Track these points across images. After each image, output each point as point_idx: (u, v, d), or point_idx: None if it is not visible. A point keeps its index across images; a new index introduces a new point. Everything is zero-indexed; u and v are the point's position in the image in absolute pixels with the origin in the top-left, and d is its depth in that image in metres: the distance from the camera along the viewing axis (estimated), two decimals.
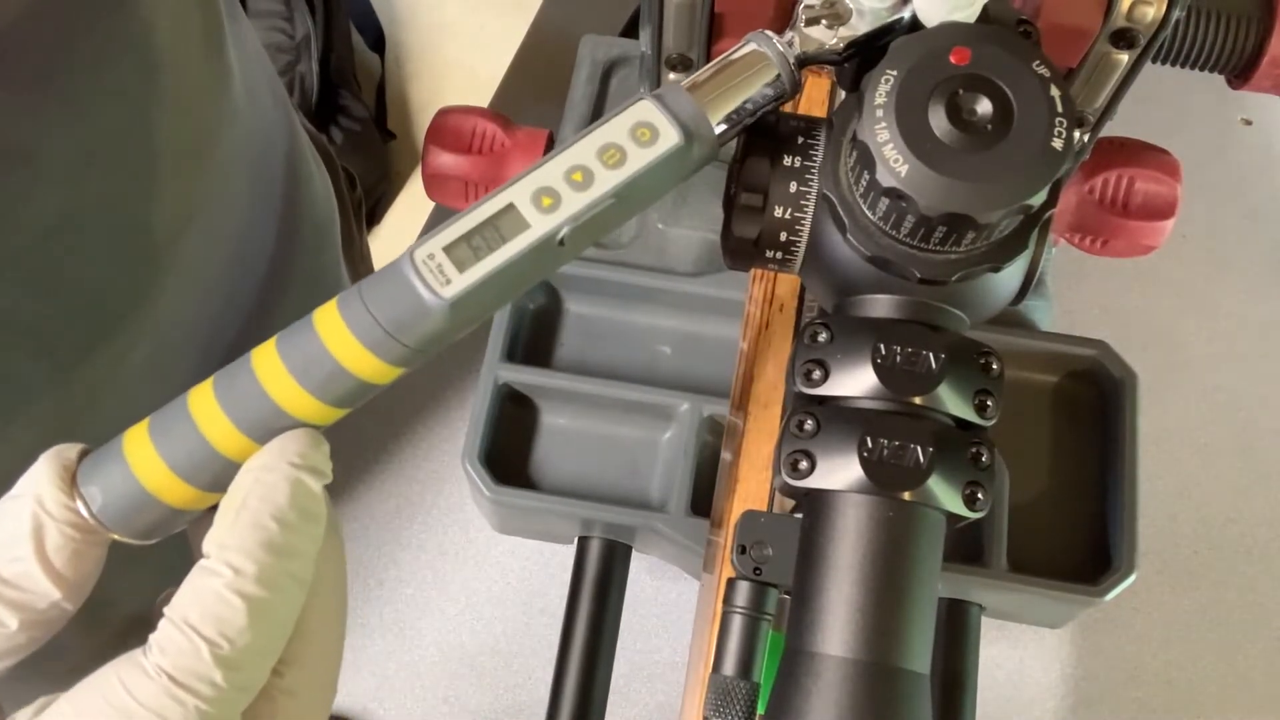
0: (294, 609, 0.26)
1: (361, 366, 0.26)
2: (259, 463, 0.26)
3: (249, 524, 0.25)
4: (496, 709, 0.57)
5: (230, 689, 0.24)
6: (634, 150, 0.27)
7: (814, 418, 0.28)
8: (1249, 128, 0.74)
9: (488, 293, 0.26)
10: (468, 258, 0.26)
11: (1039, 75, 0.26)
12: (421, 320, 0.26)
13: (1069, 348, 0.51)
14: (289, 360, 0.26)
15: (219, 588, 0.24)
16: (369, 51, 1.57)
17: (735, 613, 0.33)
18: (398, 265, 0.26)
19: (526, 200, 0.27)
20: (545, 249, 0.26)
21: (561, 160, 0.27)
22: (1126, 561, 0.47)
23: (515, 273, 0.26)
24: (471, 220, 0.27)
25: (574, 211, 0.26)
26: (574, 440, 0.52)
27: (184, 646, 0.24)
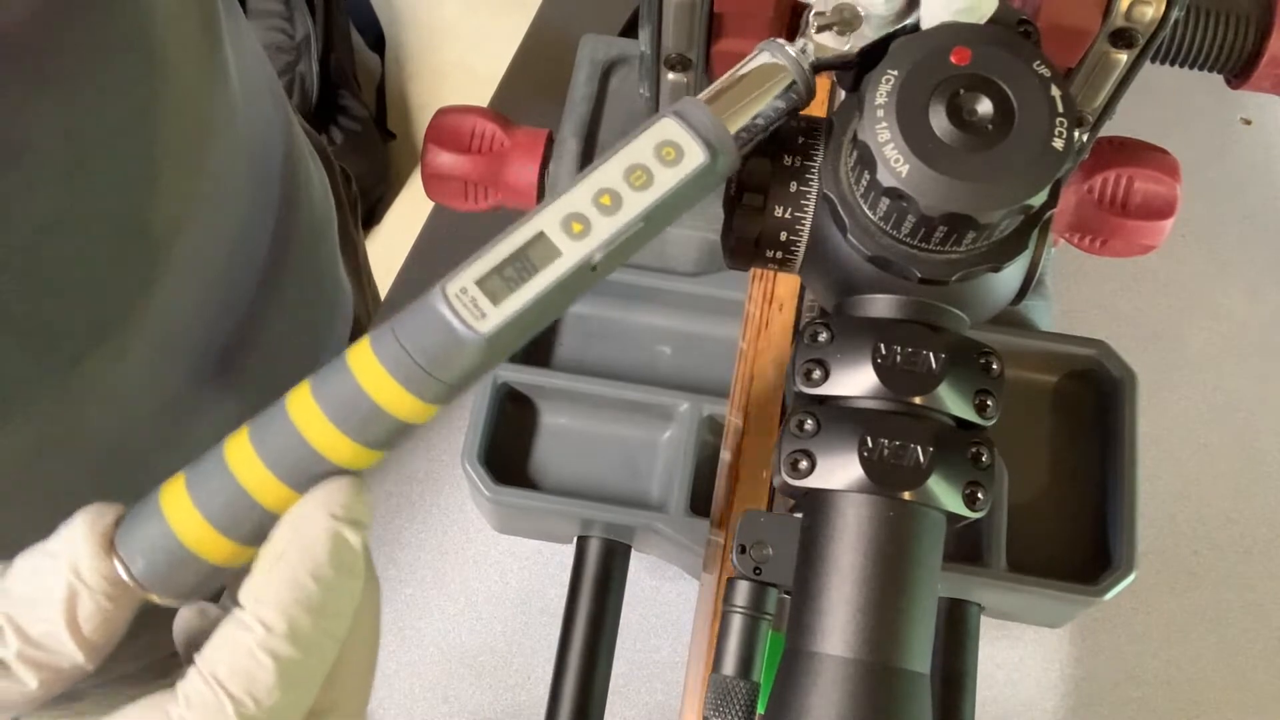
0: (325, 666, 0.25)
1: (399, 406, 0.26)
2: (298, 513, 0.25)
3: (285, 580, 0.25)
4: (496, 709, 0.57)
5: None
6: (660, 170, 0.27)
7: (814, 417, 0.28)
8: (1249, 128, 0.74)
9: (523, 323, 0.26)
10: (501, 290, 0.26)
11: (1039, 75, 0.26)
12: (458, 356, 0.26)
13: (1069, 348, 0.51)
14: (324, 403, 0.26)
15: (251, 644, 0.24)
16: (369, 51, 1.57)
17: (735, 612, 0.33)
18: (430, 302, 0.26)
19: (556, 227, 0.26)
20: (578, 275, 0.26)
21: (589, 184, 0.27)
22: (1126, 561, 0.47)
23: (549, 301, 0.26)
24: (503, 251, 0.26)
25: (605, 237, 0.26)
26: (574, 440, 0.52)
27: (210, 702, 0.24)
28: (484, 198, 0.54)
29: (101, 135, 0.33)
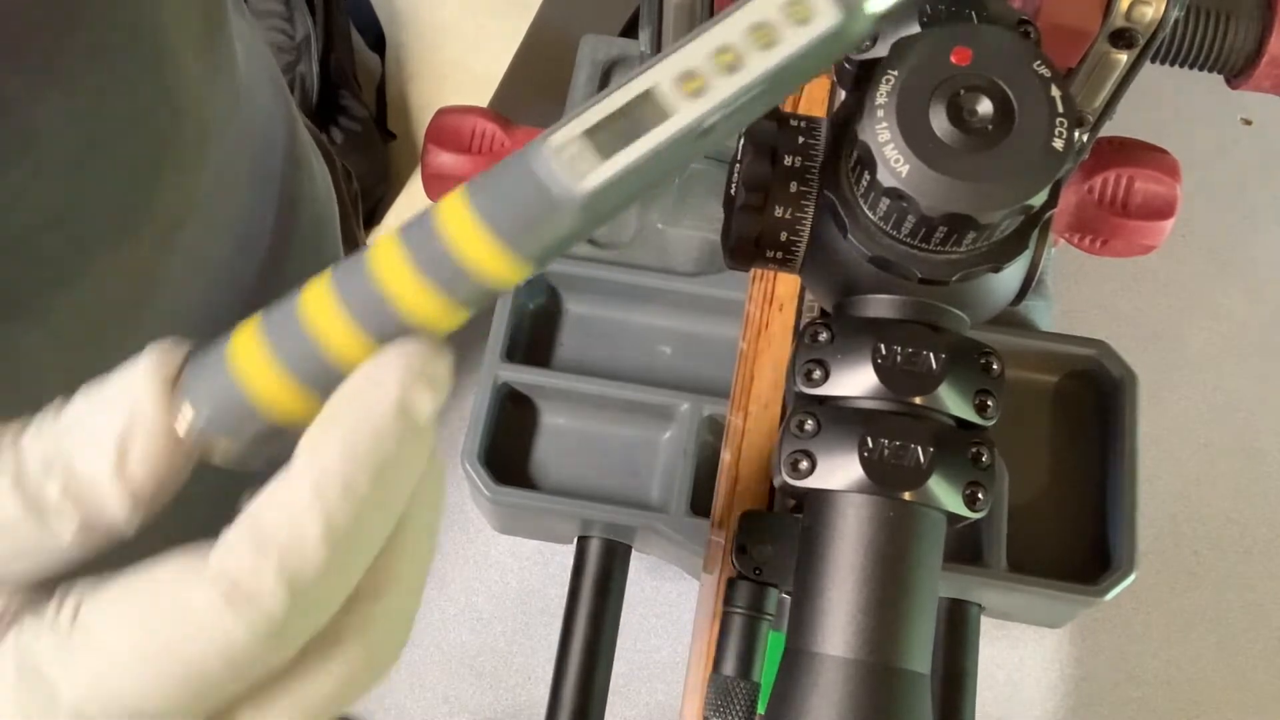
0: (377, 540, 0.23)
1: (491, 266, 0.24)
2: (370, 364, 0.23)
3: (344, 437, 0.23)
4: (496, 709, 0.57)
5: (291, 612, 0.22)
6: (787, 29, 0.24)
7: (814, 418, 0.28)
8: (1249, 128, 0.74)
9: (623, 188, 0.24)
10: (603, 149, 0.23)
11: (1040, 75, 0.26)
12: (552, 216, 0.24)
13: (1069, 348, 0.51)
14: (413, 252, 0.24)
15: (299, 495, 0.22)
16: (369, 51, 1.57)
17: (735, 613, 0.33)
18: (530, 155, 0.24)
19: (669, 84, 0.24)
20: (688, 139, 0.24)
21: (707, 40, 0.24)
22: (1126, 561, 0.47)
23: (654, 167, 0.24)
24: (606, 108, 0.24)
25: (724, 98, 0.24)
26: (574, 440, 0.52)
27: (250, 556, 0.22)
28: None
29: (107, 126, 0.33)
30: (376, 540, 0.23)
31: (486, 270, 0.24)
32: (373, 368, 0.24)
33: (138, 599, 0.22)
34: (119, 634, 0.22)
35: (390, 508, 0.23)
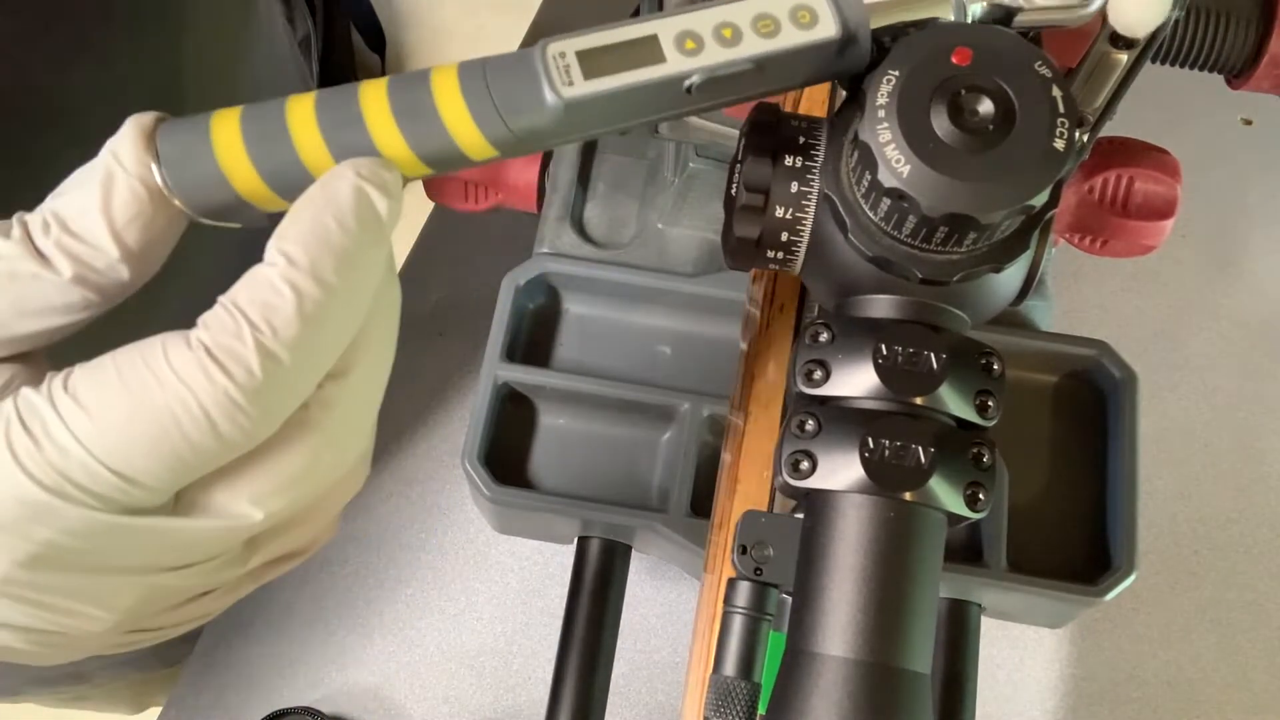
0: (346, 319, 0.25)
1: (461, 132, 0.26)
2: (330, 172, 0.25)
3: (309, 221, 0.24)
4: (496, 709, 0.57)
5: (266, 380, 0.23)
6: (789, 27, 0.27)
7: (815, 418, 0.28)
8: (1249, 128, 0.74)
9: (603, 108, 0.26)
10: (596, 68, 0.26)
11: (1041, 76, 0.26)
12: (534, 110, 0.26)
13: (1069, 348, 0.51)
14: (394, 100, 0.26)
15: (271, 275, 0.24)
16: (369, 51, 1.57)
17: (736, 613, 0.33)
18: (528, 54, 0.26)
19: (670, 37, 0.26)
20: (672, 89, 0.26)
21: (714, 14, 0.27)
22: (1126, 561, 0.47)
23: (636, 99, 0.26)
24: (611, 37, 0.26)
25: (713, 62, 0.26)
26: (574, 440, 0.52)
27: (227, 325, 0.23)
28: (484, 198, 0.54)
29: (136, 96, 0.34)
30: (343, 325, 0.25)
31: (456, 136, 0.26)
32: (332, 173, 0.25)
33: (122, 367, 0.24)
34: (104, 397, 0.23)
35: (353, 297, 0.25)
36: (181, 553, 0.25)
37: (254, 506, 0.25)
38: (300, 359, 0.24)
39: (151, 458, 0.23)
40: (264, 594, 0.60)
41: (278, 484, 0.25)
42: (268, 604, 0.60)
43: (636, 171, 0.55)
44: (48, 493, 0.23)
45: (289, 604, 0.60)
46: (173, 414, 0.23)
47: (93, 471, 0.23)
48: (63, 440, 0.23)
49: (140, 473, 0.23)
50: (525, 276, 0.51)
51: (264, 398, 0.24)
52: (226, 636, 0.60)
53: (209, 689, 0.59)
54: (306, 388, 0.25)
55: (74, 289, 0.25)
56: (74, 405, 0.23)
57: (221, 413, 0.23)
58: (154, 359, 0.23)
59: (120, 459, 0.23)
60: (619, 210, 0.54)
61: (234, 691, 0.58)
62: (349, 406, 0.26)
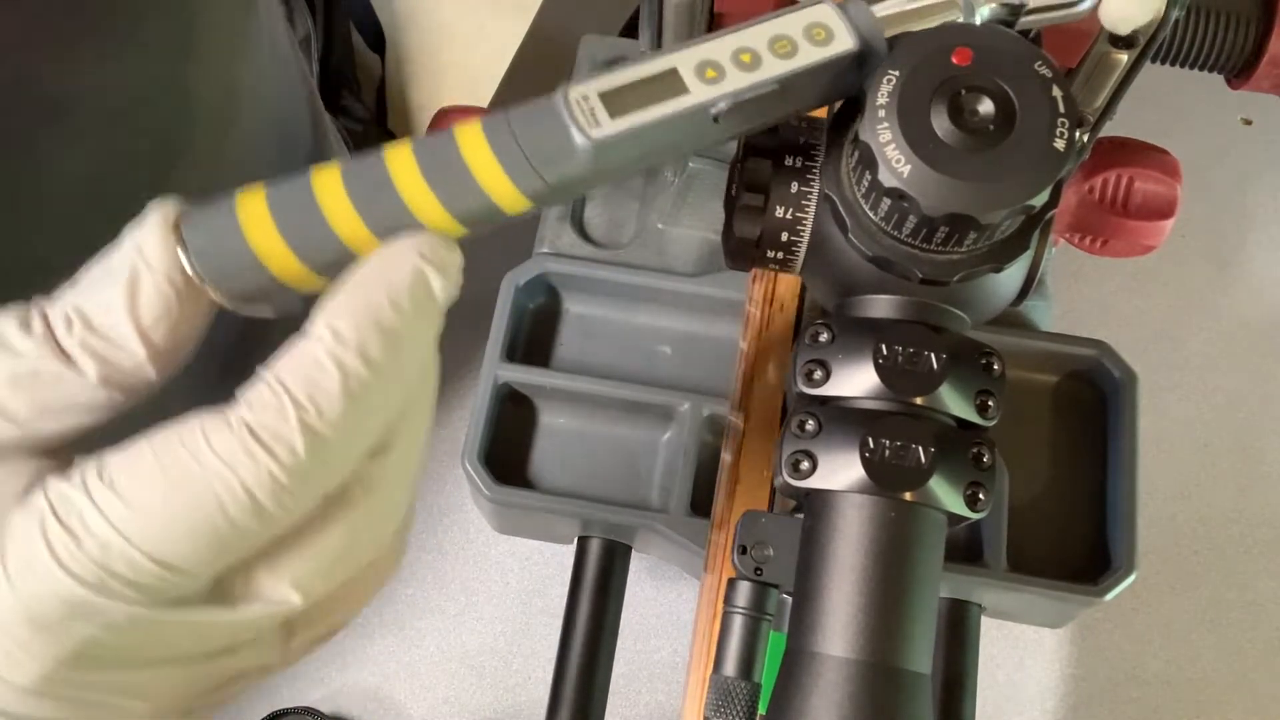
0: (390, 399, 0.24)
1: (495, 188, 0.26)
2: (385, 248, 0.25)
3: (362, 300, 0.24)
4: (497, 709, 0.57)
5: (310, 460, 0.23)
6: (806, 46, 0.27)
7: (815, 418, 0.28)
8: (1249, 128, 0.74)
9: (633, 146, 0.26)
10: (621, 107, 0.26)
11: (1041, 76, 0.26)
12: (565, 156, 0.26)
13: (1069, 348, 0.51)
14: (423, 163, 0.25)
15: (317, 351, 0.23)
16: (369, 51, 1.57)
17: (736, 613, 0.33)
18: (550, 100, 0.26)
19: (690, 68, 0.27)
20: (698, 118, 0.26)
21: (730, 40, 0.27)
22: (1126, 561, 0.47)
23: (664, 134, 0.26)
24: (632, 75, 0.26)
25: (736, 88, 0.26)
26: (574, 440, 0.52)
27: (270, 403, 0.23)
28: None
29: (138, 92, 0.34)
30: (388, 404, 0.24)
31: (490, 193, 0.26)
32: (391, 249, 0.25)
33: (160, 452, 0.23)
34: (142, 484, 0.22)
35: (400, 375, 0.24)
36: (222, 641, 0.25)
37: (294, 590, 0.24)
38: (344, 437, 0.23)
39: (193, 543, 0.23)
40: None
41: (318, 565, 0.24)
42: None
43: (636, 171, 0.55)
44: (89, 589, 0.22)
45: None
46: (216, 496, 0.22)
47: (135, 563, 0.22)
48: (103, 533, 0.22)
49: (182, 559, 0.23)
50: (525, 276, 0.51)
51: (308, 477, 0.23)
52: None
53: None
54: (349, 465, 0.24)
55: (99, 389, 0.24)
56: (112, 495, 0.22)
57: (265, 493, 0.22)
58: (194, 441, 0.23)
59: (162, 547, 0.22)
60: (619, 210, 0.54)
61: None
62: (390, 483, 0.25)
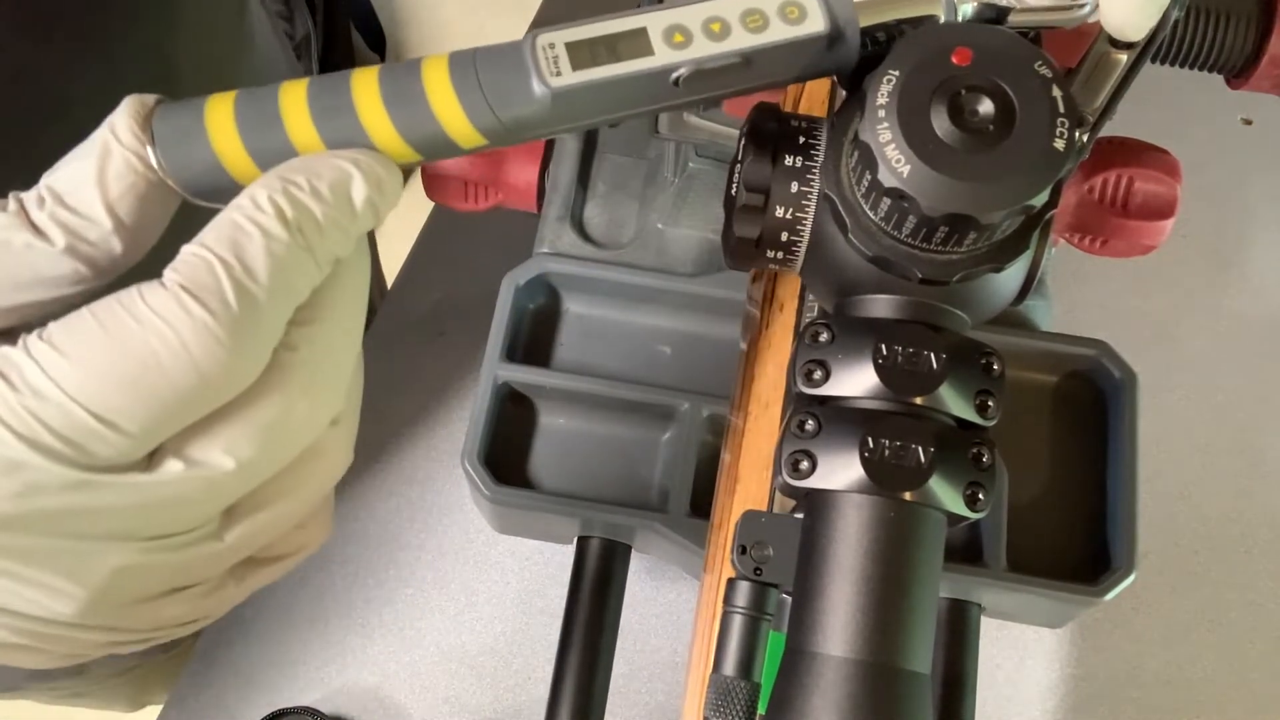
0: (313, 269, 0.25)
1: (449, 120, 0.27)
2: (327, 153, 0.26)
3: (282, 175, 0.25)
4: (497, 709, 0.57)
5: (242, 313, 0.24)
6: (777, 22, 0.27)
7: (815, 418, 0.28)
8: (1249, 128, 0.74)
9: (591, 99, 0.27)
10: (585, 59, 0.27)
11: (1041, 76, 0.26)
12: (522, 100, 0.27)
13: (1069, 348, 0.51)
14: (385, 88, 0.27)
15: (237, 218, 0.24)
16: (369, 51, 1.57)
17: (735, 613, 0.33)
18: (517, 45, 0.27)
19: (659, 30, 0.27)
20: (659, 81, 0.27)
21: (705, 8, 0.27)
22: (1126, 561, 0.47)
23: (623, 91, 0.27)
24: (600, 29, 0.27)
25: (700, 55, 0.27)
26: (574, 440, 0.52)
27: (199, 264, 0.24)
28: (484, 198, 0.54)
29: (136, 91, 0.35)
30: (307, 273, 0.25)
31: (445, 124, 0.27)
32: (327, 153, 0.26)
33: (99, 313, 0.24)
34: (81, 340, 0.23)
35: (321, 248, 0.25)
36: (155, 517, 0.25)
37: (226, 455, 0.25)
38: (271, 296, 0.24)
39: (131, 397, 0.23)
40: (264, 594, 0.60)
41: (250, 431, 0.25)
42: (268, 604, 0.60)
43: (636, 171, 0.55)
44: (23, 442, 0.23)
45: (289, 604, 0.60)
46: (152, 350, 0.23)
47: (71, 416, 0.23)
48: (39, 384, 0.23)
49: (120, 414, 0.23)
50: (525, 276, 0.51)
51: (241, 331, 0.24)
52: (226, 636, 0.60)
53: (209, 689, 0.59)
54: (279, 326, 0.25)
55: (66, 260, 0.25)
56: (50, 350, 0.23)
57: (200, 346, 0.23)
58: (131, 302, 0.24)
59: (99, 400, 0.23)
60: (619, 210, 0.54)
61: (234, 691, 0.58)
62: (318, 355, 0.26)
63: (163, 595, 0.27)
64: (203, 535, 0.26)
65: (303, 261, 0.25)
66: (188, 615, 0.28)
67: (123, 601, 0.26)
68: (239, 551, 0.28)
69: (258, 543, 0.28)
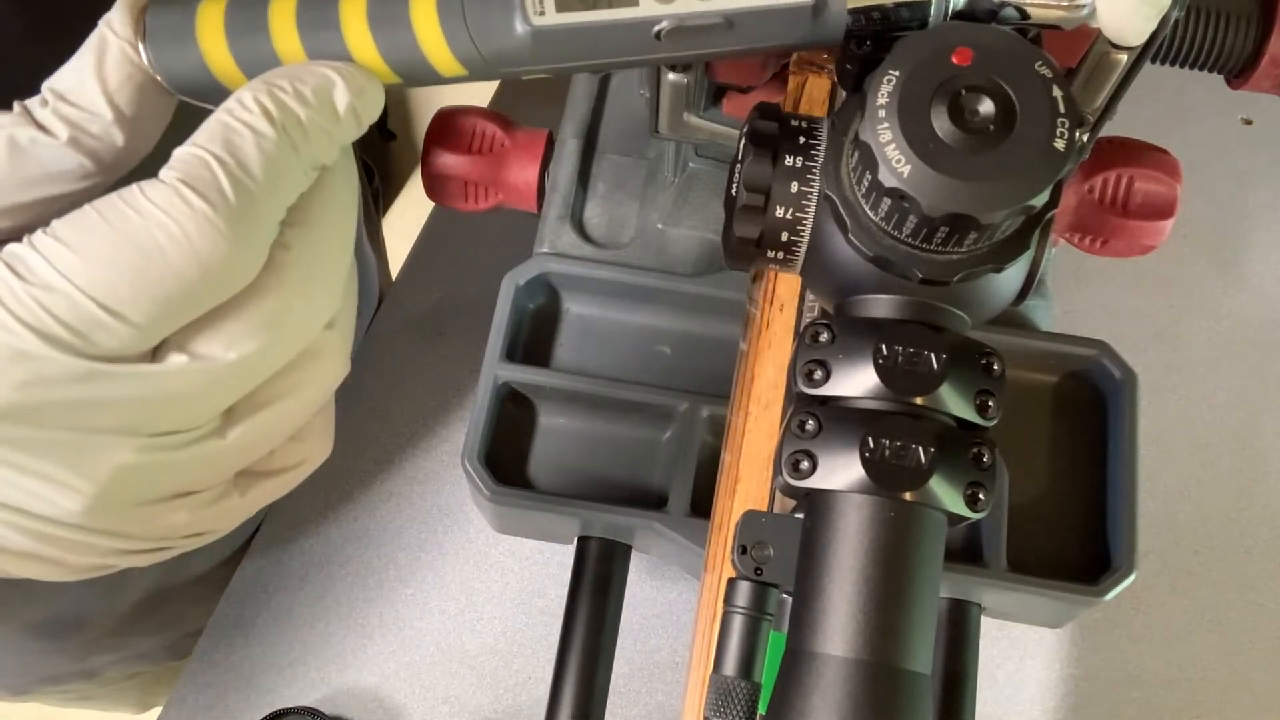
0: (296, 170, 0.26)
1: (431, 48, 0.27)
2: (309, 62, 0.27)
3: (268, 80, 0.26)
4: (497, 709, 0.57)
5: (239, 202, 0.25)
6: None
7: (815, 418, 0.28)
8: (1249, 128, 0.74)
9: (571, 42, 0.27)
10: (571, 3, 0.27)
11: (1041, 76, 0.26)
12: (503, 35, 0.27)
13: (1069, 348, 0.51)
14: (372, 9, 0.27)
15: (226, 119, 0.25)
16: None
17: (736, 613, 0.33)
18: None
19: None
20: (641, 32, 0.27)
21: None
22: (1126, 561, 0.47)
23: (604, 38, 0.27)
24: None
25: (684, 12, 0.27)
26: (574, 440, 0.52)
27: (194, 160, 0.25)
28: (484, 198, 0.54)
29: None
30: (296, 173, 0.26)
31: (426, 50, 0.27)
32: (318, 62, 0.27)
33: (102, 208, 0.24)
34: (86, 233, 0.24)
35: (307, 147, 0.26)
36: (158, 412, 0.26)
37: (227, 349, 0.26)
38: (264, 189, 0.25)
39: (135, 288, 0.24)
40: (264, 594, 0.60)
41: (250, 327, 0.26)
42: (268, 604, 0.60)
43: (636, 171, 0.55)
44: (30, 331, 0.23)
45: (289, 604, 0.60)
46: (155, 241, 0.24)
47: (77, 305, 0.24)
48: (47, 276, 0.24)
49: (125, 304, 0.24)
50: (525, 276, 0.51)
51: (238, 222, 0.25)
52: (227, 636, 0.60)
53: (209, 689, 0.59)
54: (272, 222, 0.26)
55: (70, 154, 0.26)
56: (56, 243, 0.24)
57: (201, 236, 0.24)
58: (133, 197, 0.24)
59: (105, 291, 0.24)
60: (619, 210, 0.54)
61: (234, 691, 0.58)
62: (311, 255, 0.27)
63: (167, 500, 0.28)
64: (205, 434, 0.27)
65: (291, 161, 0.26)
66: (193, 525, 0.29)
67: (128, 503, 0.27)
68: (241, 452, 0.28)
69: (259, 447, 0.29)
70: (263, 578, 0.61)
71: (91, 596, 0.61)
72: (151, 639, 0.70)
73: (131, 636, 0.67)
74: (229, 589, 0.61)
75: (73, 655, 0.66)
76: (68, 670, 0.68)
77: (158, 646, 0.71)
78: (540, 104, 0.65)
